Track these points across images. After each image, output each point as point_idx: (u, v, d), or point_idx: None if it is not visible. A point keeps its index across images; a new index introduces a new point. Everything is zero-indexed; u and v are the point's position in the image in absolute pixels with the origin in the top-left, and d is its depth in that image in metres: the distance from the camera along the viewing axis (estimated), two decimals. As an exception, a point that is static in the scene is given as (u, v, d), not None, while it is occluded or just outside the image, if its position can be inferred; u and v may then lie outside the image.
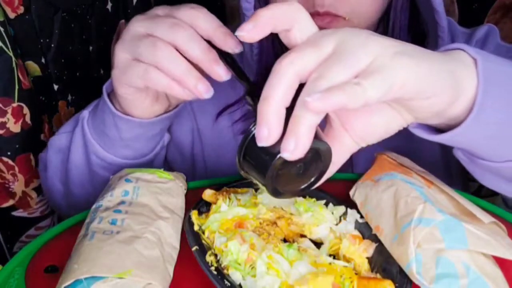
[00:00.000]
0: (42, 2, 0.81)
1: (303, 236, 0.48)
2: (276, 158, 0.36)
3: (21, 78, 0.73)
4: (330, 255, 0.46)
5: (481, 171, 0.49)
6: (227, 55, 0.47)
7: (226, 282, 0.40)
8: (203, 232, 0.46)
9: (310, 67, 0.36)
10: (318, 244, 0.47)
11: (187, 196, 0.53)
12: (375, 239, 0.46)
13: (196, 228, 0.46)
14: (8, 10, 0.75)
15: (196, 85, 0.47)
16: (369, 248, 0.45)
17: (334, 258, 0.45)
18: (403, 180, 0.47)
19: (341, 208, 0.50)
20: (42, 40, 0.83)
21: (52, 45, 0.85)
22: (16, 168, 0.76)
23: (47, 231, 0.52)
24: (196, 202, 0.50)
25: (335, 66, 0.35)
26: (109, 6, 1.00)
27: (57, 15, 0.85)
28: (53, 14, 0.84)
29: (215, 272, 0.41)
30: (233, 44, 0.47)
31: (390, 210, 0.45)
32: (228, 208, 0.48)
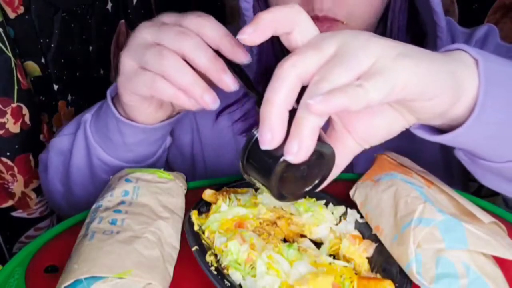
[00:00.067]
0: (42, 2, 0.81)
1: (303, 236, 0.48)
2: (280, 161, 0.36)
3: (20, 78, 0.73)
4: (330, 255, 0.46)
5: (482, 172, 0.49)
6: (235, 64, 0.47)
7: (226, 282, 0.40)
8: (203, 232, 0.46)
9: (312, 70, 0.36)
10: (318, 244, 0.47)
11: (187, 196, 0.53)
12: (375, 239, 0.46)
13: (196, 228, 0.46)
14: (8, 10, 0.75)
15: (202, 95, 0.47)
16: (369, 248, 0.45)
17: (334, 258, 0.45)
18: (403, 180, 0.47)
19: (341, 208, 0.50)
20: (42, 40, 0.83)
21: (52, 45, 0.85)
22: (16, 169, 0.75)
23: (47, 231, 0.52)
24: (196, 202, 0.50)
25: (337, 68, 0.35)
26: (109, 6, 1.00)
27: (57, 15, 0.85)
28: (53, 14, 0.84)
29: (215, 272, 0.41)
30: (241, 54, 0.46)
31: (390, 210, 0.45)
32: (228, 208, 0.48)
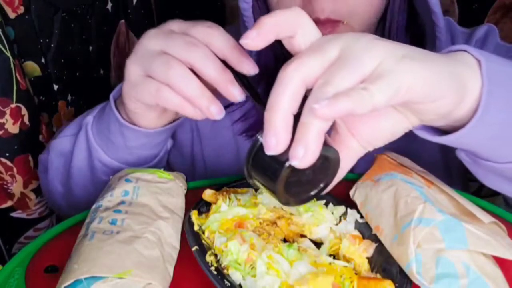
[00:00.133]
0: (42, 2, 0.81)
1: (303, 236, 0.48)
2: (286, 166, 0.36)
3: (19, 79, 0.73)
4: (330, 255, 0.46)
5: (484, 172, 0.49)
6: (242, 76, 0.47)
7: (226, 282, 0.40)
8: (203, 232, 0.46)
9: (315, 74, 0.36)
10: (318, 244, 0.47)
11: (187, 196, 0.53)
12: (375, 239, 0.46)
13: (196, 228, 0.46)
14: (8, 10, 0.75)
15: (208, 107, 0.47)
16: (369, 248, 0.45)
17: (334, 258, 0.45)
18: (403, 180, 0.47)
19: (341, 208, 0.50)
20: (42, 40, 0.83)
21: (52, 45, 0.85)
22: (15, 169, 0.75)
23: (47, 231, 0.52)
24: (196, 202, 0.50)
25: (341, 72, 0.35)
26: (109, 6, 1.00)
27: (57, 15, 0.85)
28: (53, 14, 0.84)
29: (215, 272, 0.41)
30: (249, 66, 0.46)
31: (390, 210, 0.45)
32: (228, 208, 0.48)
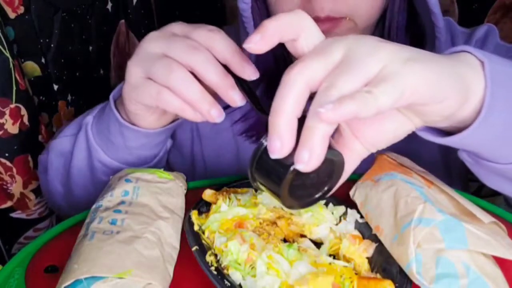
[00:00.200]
0: (42, 2, 0.81)
1: (303, 236, 0.48)
2: (290, 169, 0.36)
3: (18, 79, 0.73)
4: (330, 255, 0.46)
5: (485, 173, 0.48)
6: (243, 80, 0.47)
7: (226, 282, 0.40)
8: (203, 232, 0.46)
9: (319, 77, 0.36)
10: (318, 244, 0.47)
11: (187, 196, 0.53)
12: (375, 239, 0.46)
13: (196, 228, 0.46)
14: (8, 10, 0.75)
15: (209, 110, 0.47)
16: (369, 248, 0.45)
17: (334, 258, 0.45)
18: (403, 180, 0.47)
19: (341, 208, 0.50)
20: (42, 40, 0.83)
21: (52, 45, 0.85)
22: (14, 170, 0.75)
23: (47, 231, 0.52)
24: (196, 202, 0.50)
25: (345, 75, 0.35)
26: (109, 6, 1.00)
27: (57, 15, 0.85)
28: (53, 14, 0.84)
29: (215, 272, 0.41)
30: (250, 71, 0.46)
31: (390, 210, 0.45)
32: (228, 208, 0.48)
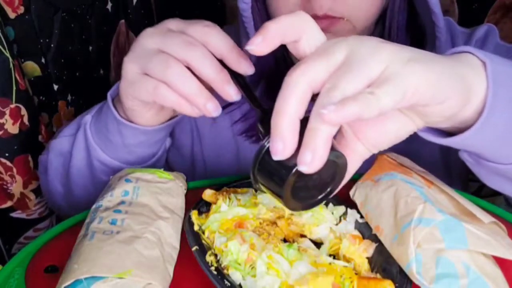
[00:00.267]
0: (42, 2, 0.81)
1: (303, 236, 0.48)
2: (293, 171, 0.35)
3: (18, 79, 0.73)
4: (330, 255, 0.46)
5: (487, 173, 0.48)
6: (239, 75, 0.47)
7: (226, 282, 0.40)
8: (203, 232, 0.46)
9: (322, 78, 0.36)
10: (318, 244, 0.47)
11: (187, 196, 0.53)
12: (375, 239, 0.46)
13: (196, 228, 0.46)
14: (8, 10, 0.75)
15: (205, 104, 0.47)
16: (369, 248, 0.45)
17: (334, 258, 0.45)
18: (403, 180, 0.47)
19: (341, 208, 0.50)
20: (42, 40, 0.83)
21: (52, 45, 0.85)
22: (14, 170, 0.75)
23: (47, 231, 0.52)
24: (196, 202, 0.50)
25: (347, 76, 0.35)
26: (109, 6, 1.00)
27: (57, 15, 0.85)
28: (53, 14, 0.84)
29: (215, 272, 0.41)
30: (246, 66, 0.47)
31: (390, 210, 0.45)
32: (228, 208, 0.48)
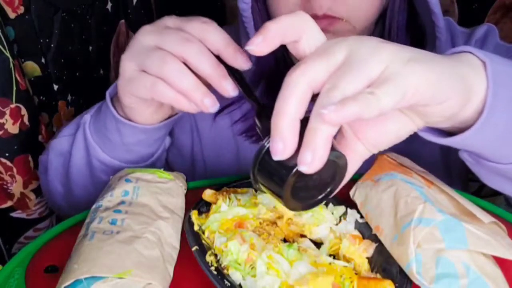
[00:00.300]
0: (42, 2, 0.81)
1: (303, 236, 0.48)
2: (293, 171, 0.35)
3: (18, 79, 0.73)
4: (330, 255, 0.46)
5: (487, 173, 0.48)
6: (235, 71, 0.47)
7: (226, 282, 0.40)
8: (203, 232, 0.46)
9: (321, 78, 0.36)
10: (318, 244, 0.47)
11: (187, 196, 0.53)
12: (375, 239, 0.46)
13: (196, 228, 0.46)
14: (8, 10, 0.75)
15: (202, 99, 0.47)
16: (369, 248, 0.45)
17: (334, 258, 0.45)
18: (403, 180, 0.47)
19: (341, 208, 0.50)
20: (42, 40, 0.83)
21: (52, 45, 0.85)
22: (15, 170, 0.75)
23: (47, 231, 0.52)
24: (196, 202, 0.50)
25: (347, 76, 0.35)
26: (109, 6, 1.00)
27: (57, 15, 0.85)
28: (53, 14, 0.84)
29: (215, 272, 0.41)
30: (242, 61, 0.47)
31: (390, 210, 0.45)
32: (228, 208, 0.48)
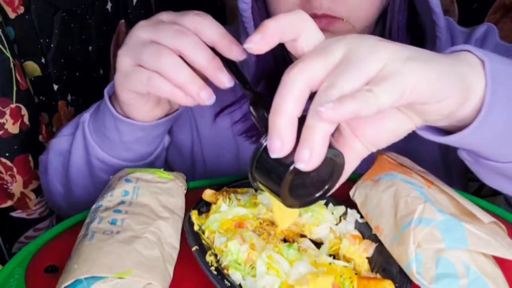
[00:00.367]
0: (42, 2, 0.81)
1: (303, 236, 0.48)
2: (290, 169, 0.35)
3: (19, 79, 0.73)
4: (330, 255, 0.46)
5: (485, 171, 0.49)
6: (231, 62, 0.47)
7: (226, 282, 0.40)
8: (203, 232, 0.46)
9: (319, 76, 0.36)
10: (318, 244, 0.47)
11: (187, 196, 0.53)
12: (375, 239, 0.46)
13: (196, 228, 0.46)
14: (8, 10, 0.75)
15: (199, 92, 0.47)
16: (369, 248, 0.45)
17: (334, 258, 0.45)
18: (403, 180, 0.47)
19: (341, 208, 0.50)
20: (42, 40, 0.83)
21: (52, 45, 0.85)
22: (15, 169, 0.75)
23: (47, 231, 0.52)
24: (196, 202, 0.50)
25: (346, 74, 0.35)
26: (109, 6, 1.00)
27: (57, 15, 0.85)
28: (53, 14, 0.84)
29: (215, 272, 0.41)
30: (237, 52, 0.47)
31: (390, 210, 0.45)
32: (228, 208, 0.48)
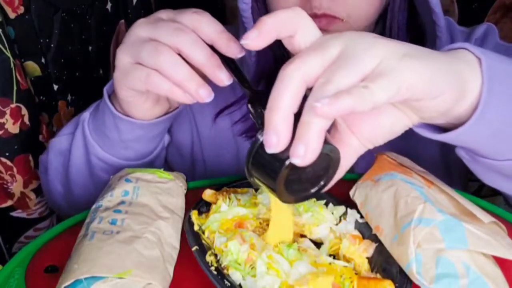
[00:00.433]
0: (42, 2, 0.81)
1: (303, 236, 0.48)
2: (286, 164, 0.36)
3: (19, 79, 0.73)
4: (330, 255, 0.46)
5: (483, 170, 0.49)
6: (229, 60, 0.47)
7: (226, 282, 0.40)
8: (203, 232, 0.46)
9: (316, 72, 0.36)
10: (318, 244, 0.47)
11: (187, 196, 0.53)
12: (375, 239, 0.46)
13: (196, 228, 0.46)
14: (8, 10, 0.75)
15: (197, 90, 0.47)
16: (369, 248, 0.45)
17: (334, 258, 0.45)
18: (403, 180, 0.47)
19: (341, 208, 0.50)
20: (42, 40, 0.83)
21: (52, 45, 0.85)
22: (15, 169, 0.75)
23: (47, 231, 0.52)
24: (196, 202, 0.50)
25: (342, 70, 0.35)
26: (109, 6, 1.00)
27: (57, 15, 0.85)
28: (53, 14, 0.84)
29: (215, 272, 0.41)
30: (236, 50, 0.47)
31: (390, 210, 0.45)
32: (228, 208, 0.48)
